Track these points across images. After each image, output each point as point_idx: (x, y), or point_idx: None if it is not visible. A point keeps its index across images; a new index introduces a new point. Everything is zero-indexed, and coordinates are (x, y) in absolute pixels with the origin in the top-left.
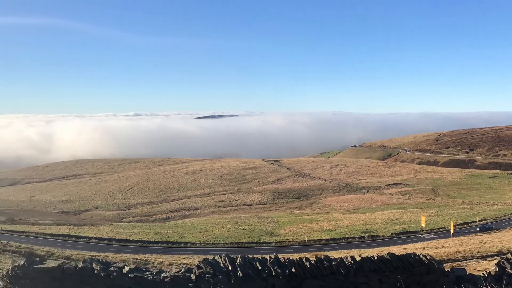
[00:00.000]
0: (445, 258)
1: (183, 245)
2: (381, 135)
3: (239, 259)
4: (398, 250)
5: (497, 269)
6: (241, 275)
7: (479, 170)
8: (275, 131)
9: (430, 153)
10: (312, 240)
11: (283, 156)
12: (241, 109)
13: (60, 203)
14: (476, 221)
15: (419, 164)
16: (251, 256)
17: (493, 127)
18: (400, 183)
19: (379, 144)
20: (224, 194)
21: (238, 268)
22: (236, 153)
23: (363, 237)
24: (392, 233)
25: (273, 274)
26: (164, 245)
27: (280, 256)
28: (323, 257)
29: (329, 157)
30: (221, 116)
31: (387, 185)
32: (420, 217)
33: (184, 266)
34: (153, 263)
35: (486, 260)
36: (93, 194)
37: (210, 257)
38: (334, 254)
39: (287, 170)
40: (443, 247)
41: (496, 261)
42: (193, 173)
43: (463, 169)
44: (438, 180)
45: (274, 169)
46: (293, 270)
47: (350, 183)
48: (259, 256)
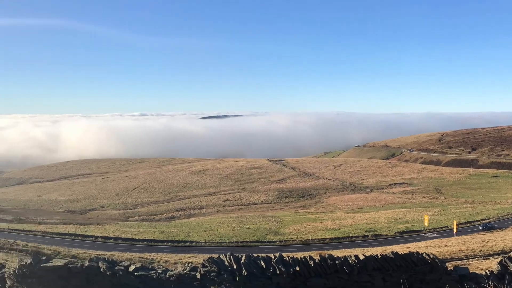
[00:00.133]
0: (448, 257)
1: (188, 244)
2: (384, 135)
3: (243, 258)
4: (402, 249)
5: (499, 268)
6: (245, 273)
7: (481, 169)
8: (279, 131)
9: (433, 152)
10: (316, 239)
11: (287, 156)
12: (246, 109)
13: (66, 202)
14: (478, 220)
15: (422, 163)
16: (255, 255)
17: (496, 127)
18: (404, 183)
19: (382, 144)
20: (229, 194)
21: (243, 267)
22: (241, 152)
23: (367, 236)
24: (395, 232)
25: (278, 272)
26: (170, 244)
27: (284, 255)
28: (327, 256)
29: (333, 156)
30: (226, 116)
31: (390, 184)
32: (423, 216)
33: (189, 265)
34: (158, 261)
35: (488, 258)
36: (99, 194)
37: (215, 256)
38: (338, 253)
39: (291, 169)
40: (446, 246)
41: (498, 259)
42: (198, 172)
43: (465, 168)
44: (441, 179)
45: (278, 168)
46: (298, 268)
47: (354, 183)
48: (263, 255)
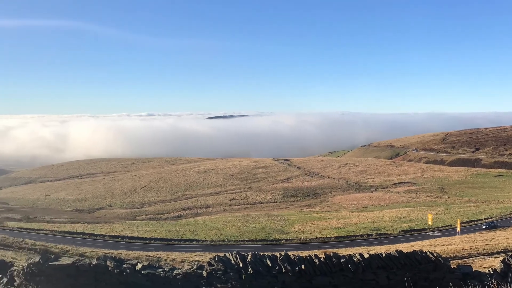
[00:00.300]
0: (452, 255)
1: (195, 242)
2: (389, 135)
3: (249, 256)
4: (406, 247)
5: (502, 266)
6: (251, 272)
7: (485, 169)
8: (285, 131)
9: (437, 152)
10: (321, 237)
11: (293, 155)
12: (252, 110)
13: (74, 201)
14: (482, 219)
15: (426, 163)
16: (261, 253)
17: (499, 127)
18: (408, 182)
19: (387, 144)
20: (235, 193)
21: (248, 265)
22: (247, 152)
23: (371, 234)
24: (399, 231)
25: (283, 271)
26: (176, 242)
27: (290, 253)
28: (332, 254)
29: (338, 156)
30: (232, 116)
31: (394, 183)
32: (427, 215)
33: (196, 263)
34: (165, 260)
35: (491, 257)
36: (107, 193)
37: (222, 254)
38: (343, 252)
39: (297, 169)
40: (449, 244)
41: (501, 258)
42: (204, 172)
43: (469, 168)
44: (444, 179)
45: (284, 168)
46: (303, 267)
47: (359, 182)
48: (269, 253)
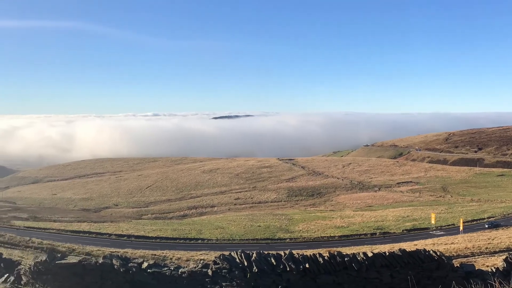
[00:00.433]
0: (455, 254)
1: (200, 241)
2: (392, 134)
3: (254, 255)
4: (409, 246)
5: (505, 265)
6: (256, 270)
7: (487, 168)
8: (289, 131)
9: (440, 152)
10: (325, 236)
11: (297, 155)
12: (257, 110)
13: (80, 200)
14: (484, 218)
15: (429, 163)
16: (266, 252)
17: (501, 127)
18: (411, 181)
19: (390, 144)
20: (240, 192)
21: (253, 264)
22: (252, 152)
23: (375, 233)
24: (403, 230)
25: (288, 269)
26: (182, 241)
27: (294, 252)
28: (336, 253)
29: (342, 156)
30: (237, 116)
31: (398, 183)
32: (430, 214)
33: (201, 262)
34: (171, 259)
35: (494, 256)
36: (113, 192)
37: (227, 253)
38: (347, 250)
39: (301, 168)
40: (452, 243)
41: (504, 257)
42: (210, 171)
43: (472, 167)
44: (447, 178)
45: (288, 167)
46: (307, 265)
47: (362, 181)
48: (274, 252)
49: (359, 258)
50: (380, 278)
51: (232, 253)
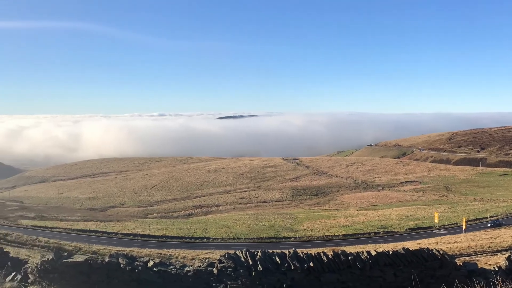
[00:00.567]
0: (457, 253)
1: (205, 240)
2: (396, 134)
3: (259, 253)
4: (412, 245)
5: (507, 263)
6: (261, 269)
7: (490, 168)
8: (294, 130)
9: (443, 152)
10: (329, 235)
11: (301, 155)
12: (261, 110)
13: (87, 200)
14: (487, 217)
15: (432, 162)
16: (271, 251)
17: (504, 126)
18: (414, 181)
19: (394, 143)
20: (245, 191)
21: (258, 263)
22: (257, 152)
23: (379, 232)
24: (406, 229)
25: (292, 268)
26: (187, 240)
27: (298, 251)
28: (340, 252)
29: (345, 155)
30: (242, 116)
31: (401, 182)
32: (433, 213)
33: (206, 261)
34: (176, 257)
35: (497, 254)
36: (119, 191)
37: (232, 251)
38: (351, 249)
39: (305, 168)
40: (455, 242)
41: (506, 255)
42: (215, 171)
43: (474, 167)
44: (450, 177)
45: (293, 167)
46: (311, 264)
47: (366, 181)
48: (278, 251)
49: (363, 257)
50: (384, 277)
51: (237, 252)
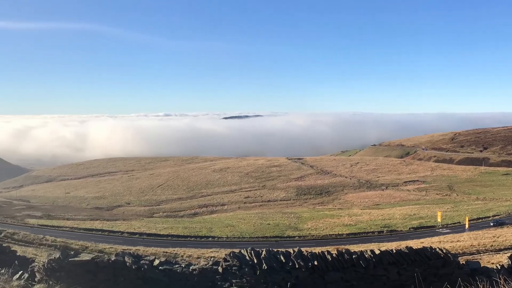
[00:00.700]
0: (460, 252)
1: (210, 239)
2: (399, 134)
3: (264, 252)
4: (416, 244)
5: (510, 262)
6: (266, 267)
7: (492, 167)
8: (298, 130)
9: (446, 151)
10: (333, 234)
11: (306, 154)
12: (266, 110)
13: (93, 199)
14: (489, 216)
15: (435, 162)
16: (275, 250)
17: (506, 126)
18: (418, 180)
19: (397, 143)
20: (249, 191)
21: (263, 261)
22: (261, 151)
23: (382, 231)
24: (409, 228)
25: (297, 266)
26: (193, 239)
27: (303, 249)
28: (344, 251)
29: (349, 155)
30: (247, 116)
31: (405, 182)
32: (436, 212)
33: (211, 259)
34: (182, 256)
35: (499, 253)
36: (125, 191)
37: (237, 250)
38: (355, 248)
39: (309, 168)
40: (458, 241)
41: (509, 254)
42: (220, 170)
43: (477, 166)
44: (453, 177)
45: (297, 167)
46: (316, 263)
47: (370, 180)
48: (283, 250)
49: (366, 256)
50: (387, 275)
51: (242, 251)
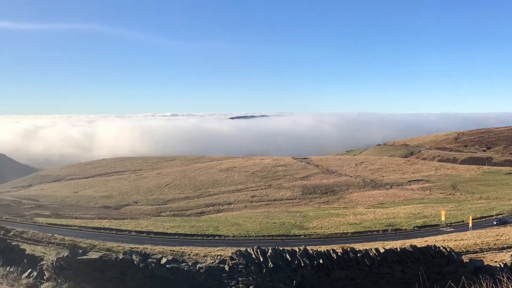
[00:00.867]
0: (464, 250)
1: (217, 237)
2: (403, 134)
3: (270, 251)
4: (420, 242)
5: None
6: (272, 266)
7: (496, 167)
8: (304, 130)
9: (450, 151)
10: (338, 233)
11: (311, 154)
12: (272, 110)
13: (101, 198)
14: (493, 215)
15: (439, 161)
16: (281, 248)
17: (510, 126)
18: (422, 180)
19: (401, 143)
20: (256, 190)
21: (269, 260)
22: (267, 151)
23: (387, 230)
24: (414, 227)
25: (302, 265)
26: (200, 237)
27: (308, 248)
28: (349, 249)
29: (354, 155)
30: (253, 117)
31: (409, 181)
32: (440, 211)
33: (218, 258)
34: (189, 254)
35: (502, 252)
36: (133, 190)
37: (243, 249)
38: (360, 246)
39: (315, 167)
40: (462, 239)
41: None
42: (226, 170)
43: (481, 166)
44: (457, 176)
45: (303, 166)
46: (321, 261)
47: (375, 180)
48: (288, 248)
49: (371, 254)
50: (392, 274)
51: (248, 249)
